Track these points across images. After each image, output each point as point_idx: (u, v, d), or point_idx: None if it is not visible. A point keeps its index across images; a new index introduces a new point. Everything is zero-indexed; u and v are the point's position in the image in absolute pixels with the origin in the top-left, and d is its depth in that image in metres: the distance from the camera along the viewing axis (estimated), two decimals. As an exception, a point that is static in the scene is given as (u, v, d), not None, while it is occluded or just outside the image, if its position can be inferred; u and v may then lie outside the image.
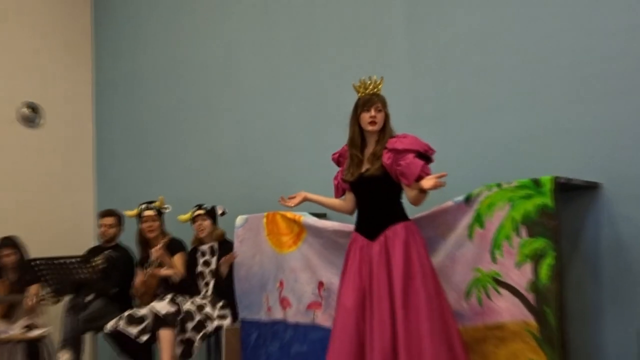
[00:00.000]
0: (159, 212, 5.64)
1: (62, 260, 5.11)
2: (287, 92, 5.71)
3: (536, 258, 3.81)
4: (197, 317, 5.10)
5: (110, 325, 5.23)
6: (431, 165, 3.94)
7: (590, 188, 4.04)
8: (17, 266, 5.92)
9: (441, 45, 4.87)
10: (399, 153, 3.89)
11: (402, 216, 3.98)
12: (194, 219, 5.44)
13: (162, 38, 6.81)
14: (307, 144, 5.52)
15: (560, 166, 4.03)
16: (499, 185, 4.01)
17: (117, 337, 5.25)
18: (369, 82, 4.04)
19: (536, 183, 3.87)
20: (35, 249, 5.87)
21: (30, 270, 5.48)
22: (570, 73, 4.24)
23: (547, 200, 3.82)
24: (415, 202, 3.93)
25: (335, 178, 4.26)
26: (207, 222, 5.41)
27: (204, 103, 6.40)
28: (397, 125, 4.05)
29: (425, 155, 3.93)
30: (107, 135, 7.27)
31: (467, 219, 4.09)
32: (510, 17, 4.53)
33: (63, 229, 6.60)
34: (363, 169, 4.00)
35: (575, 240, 4.09)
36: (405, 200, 4.01)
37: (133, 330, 5.14)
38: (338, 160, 4.28)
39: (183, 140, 6.53)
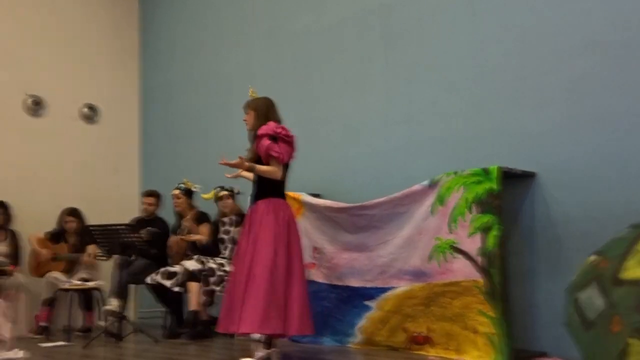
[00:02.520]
0: (188, 192, 5.59)
1: (113, 227, 5.06)
2: (288, 98, 5.64)
3: (484, 230, 3.81)
4: (218, 273, 5.07)
5: (150, 279, 5.20)
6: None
7: (527, 176, 4.03)
8: (78, 231, 5.88)
9: (411, 61, 4.82)
10: (258, 139, 3.85)
11: (269, 194, 3.93)
12: (220, 198, 5.39)
13: (193, 53, 6.75)
14: (303, 138, 5.44)
15: (504, 158, 3.99)
16: (455, 173, 4.00)
17: (156, 288, 5.22)
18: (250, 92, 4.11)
19: (485, 171, 3.87)
20: (92, 219, 5.82)
21: (88, 234, 5.44)
22: (511, 85, 4.22)
23: (493, 184, 3.81)
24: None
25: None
26: (229, 200, 5.36)
27: (225, 105, 6.34)
28: (373, 126, 3.98)
29: (274, 137, 3.81)
30: (150, 130, 7.21)
31: (430, 198, 4.08)
32: (459, 41, 4.49)
33: (114, 203, 6.55)
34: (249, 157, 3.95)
35: (516, 217, 4.07)
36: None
37: (168, 283, 5.11)
38: None
39: (208, 134, 6.48)
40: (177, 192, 5.56)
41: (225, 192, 5.38)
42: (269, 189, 3.89)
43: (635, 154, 3.63)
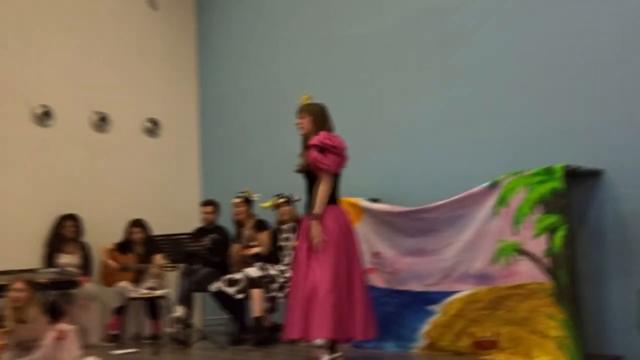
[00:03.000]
0: (247, 200, 5.66)
1: (176, 236, 5.18)
2: (345, 104, 5.65)
3: (550, 230, 3.72)
4: (279, 280, 5.11)
5: (214, 287, 5.29)
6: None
7: (594, 174, 3.90)
8: (144, 241, 6.04)
9: (469, 63, 4.74)
10: (309, 149, 3.96)
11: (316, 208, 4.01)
12: (278, 205, 5.44)
13: (249, 64, 6.84)
14: (361, 143, 5.43)
15: (569, 156, 3.87)
16: (517, 173, 3.91)
17: (219, 295, 5.31)
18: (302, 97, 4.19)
19: (549, 171, 3.77)
20: (156, 229, 5.98)
21: (153, 244, 5.58)
22: (576, 81, 4.10)
23: (558, 184, 3.72)
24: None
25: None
26: (287, 208, 5.39)
27: (281, 115, 6.38)
28: (434, 126, 3.93)
29: (321, 148, 3.90)
30: (209, 141, 7.35)
31: (492, 200, 4.01)
32: (523, 39, 4.39)
33: (176, 213, 6.69)
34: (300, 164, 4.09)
35: (583, 217, 3.94)
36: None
37: (231, 290, 5.19)
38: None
39: (265, 143, 6.55)
40: (237, 200, 5.64)
41: (283, 200, 5.42)
42: None
43: None
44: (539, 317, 3.71)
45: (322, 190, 3.88)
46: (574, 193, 3.82)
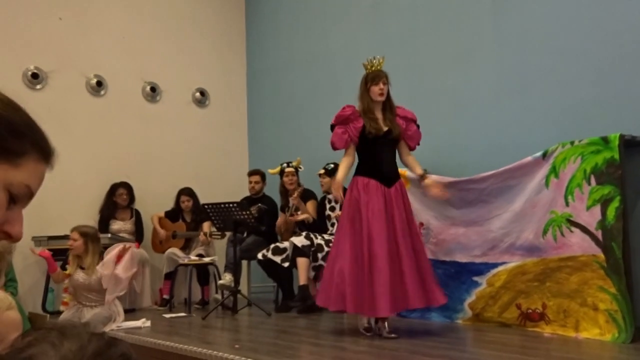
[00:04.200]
0: (296, 170, 5.70)
1: (225, 205, 5.27)
2: (396, 73, 5.57)
3: (604, 202, 3.61)
4: (326, 249, 5.14)
5: (261, 254, 5.37)
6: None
7: (652, 144, 3.75)
8: (193, 209, 6.17)
9: (523, 30, 4.61)
10: (408, 121, 4.01)
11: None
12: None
13: (298, 34, 6.83)
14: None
15: (626, 126, 3.74)
16: (572, 142, 3.81)
17: (266, 263, 5.39)
18: (375, 60, 3.98)
19: (605, 140, 3.65)
20: (205, 198, 6.09)
21: (203, 212, 5.70)
22: (630, 49, 3.93)
23: (614, 154, 3.60)
24: (409, 167, 4.17)
25: (345, 132, 4.02)
26: (327, 180, 5.41)
27: (329, 86, 6.38)
28: (487, 95, 3.86)
29: (418, 126, 4.07)
30: (256, 112, 7.41)
31: (544, 170, 3.92)
32: (580, 3, 4.23)
33: (225, 183, 6.81)
34: (386, 129, 3.93)
35: (639, 188, 3.80)
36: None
37: (278, 259, 5.26)
38: (348, 118, 4.03)
39: (314, 115, 6.54)
40: (291, 169, 5.64)
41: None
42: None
43: None
44: (589, 289, 3.63)
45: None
46: (629, 164, 3.69)
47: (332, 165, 5.40)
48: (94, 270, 4.39)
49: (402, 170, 4.69)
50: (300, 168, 5.71)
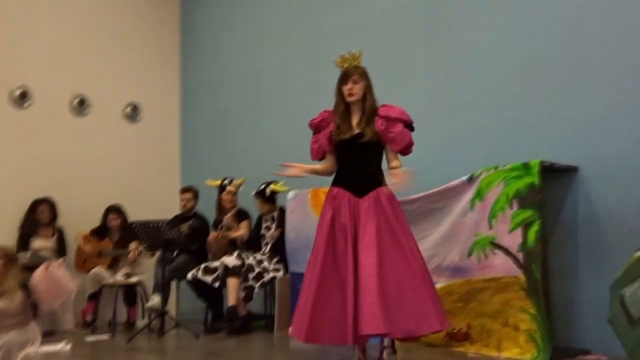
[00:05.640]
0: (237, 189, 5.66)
1: (154, 223, 5.17)
2: (325, 96, 5.66)
3: (525, 225, 3.77)
4: (257, 269, 5.13)
5: (191, 275, 5.28)
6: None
7: (570, 170, 3.96)
8: (121, 227, 6.01)
9: (453, 57, 4.78)
10: (390, 121, 3.41)
11: (384, 181, 3.44)
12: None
13: (233, 52, 6.83)
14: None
15: (546, 152, 3.94)
16: (496, 167, 3.97)
17: (196, 283, 5.31)
18: (348, 56, 3.57)
19: (526, 166, 3.82)
20: (135, 215, 5.95)
21: (131, 231, 5.56)
22: (555, 77, 4.15)
23: (534, 179, 3.78)
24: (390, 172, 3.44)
25: (316, 142, 3.62)
26: (257, 201, 5.42)
27: (264, 104, 6.41)
28: (416, 119, 3.87)
29: (411, 126, 3.47)
30: (190, 127, 7.33)
31: (469, 194, 4.06)
32: (504, 34, 4.44)
33: (155, 200, 6.67)
34: (354, 133, 3.43)
35: (557, 212, 4.01)
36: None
37: (208, 279, 5.19)
38: (318, 125, 3.63)
39: (249, 132, 6.56)
40: (232, 189, 5.57)
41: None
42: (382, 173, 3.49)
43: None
44: (511, 310, 3.78)
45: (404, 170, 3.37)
46: (549, 189, 3.88)
47: (262, 186, 5.41)
48: (15, 294, 4.12)
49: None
50: (240, 188, 5.66)
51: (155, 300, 5.31)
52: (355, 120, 3.49)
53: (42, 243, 5.82)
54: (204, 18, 7.27)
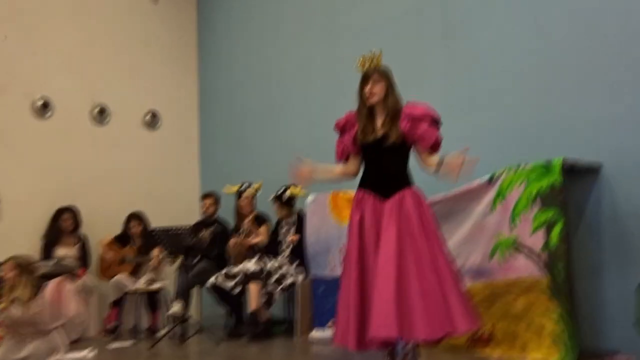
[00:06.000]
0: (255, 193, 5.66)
1: (175, 230, 5.19)
2: (343, 97, 5.62)
3: (548, 225, 3.71)
4: (277, 274, 5.12)
5: (211, 281, 5.29)
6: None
7: (593, 168, 3.88)
8: (142, 234, 6.04)
9: (471, 55, 4.73)
10: (415, 120, 3.32)
11: (411, 181, 3.40)
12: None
13: (250, 55, 6.86)
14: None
15: (568, 150, 3.86)
16: (517, 167, 3.91)
17: (217, 290, 5.31)
18: (367, 57, 3.49)
19: (547, 165, 3.76)
20: (156, 221, 5.99)
21: (152, 238, 5.60)
22: (576, 73, 4.08)
23: (556, 178, 3.71)
24: (430, 170, 3.38)
25: (341, 143, 3.57)
26: (275, 206, 5.41)
27: (283, 105, 6.42)
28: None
29: (438, 123, 3.39)
30: (209, 133, 7.38)
31: (490, 194, 4.01)
32: (522, 32, 4.38)
33: (176, 206, 6.72)
34: (379, 135, 3.36)
35: (581, 211, 3.93)
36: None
37: (229, 285, 5.19)
38: (343, 127, 3.57)
39: (268, 136, 6.56)
40: (250, 193, 5.57)
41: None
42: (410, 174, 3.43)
43: None
44: (535, 312, 3.71)
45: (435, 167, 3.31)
46: (571, 188, 3.81)
47: (281, 190, 5.40)
48: (29, 303, 4.19)
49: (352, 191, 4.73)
50: (258, 192, 5.66)
51: (176, 307, 5.31)
52: (379, 121, 3.42)
53: (65, 251, 5.89)
54: (220, 22, 7.31)
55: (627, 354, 3.58)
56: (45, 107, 6.31)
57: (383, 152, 3.38)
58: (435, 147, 3.37)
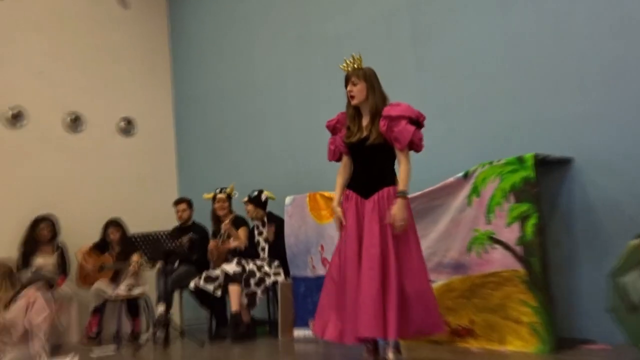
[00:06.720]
0: (229, 197, 5.64)
1: (154, 235, 5.15)
2: (317, 104, 5.68)
3: (522, 219, 3.76)
4: (258, 275, 5.11)
5: (193, 284, 5.27)
6: (431, 131, 3.62)
7: (564, 162, 3.96)
8: (121, 241, 5.99)
9: (443, 58, 4.79)
10: (392, 120, 3.36)
11: (394, 180, 3.45)
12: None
13: (225, 64, 6.84)
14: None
15: (540, 146, 3.94)
16: (490, 163, 3.96)
17: (198, 292, 5.29)
18: (350, 60, 3.55)
19: (520, 160, 3.82)
20: (134, 228, 5.93)
21: (131, 244, 5.54)
22: (545, 73, 4.16)
23: (529, 173, 3.77)
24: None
25: (332, 143, 3.66)
26: (250, 207, 5.39)
27: (258, 114, 6.42)
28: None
29: (416, 122, 3.42)
30: (185, 140, 7.34)
31: (465, 190, 4.05)
32: (491, 34, 4.45)
33: (154, 212, 6.65)
34: (363, 135, 3.44)
35: (554, 204, 4.00)
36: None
37: (210, 287, 5.17)
38: (334, 127, 3.65)
39: (243, 143, 6.56)
40: (222, 196, 5.57)
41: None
42: (393, 174, 3.49)
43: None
44: (512, 304, 3.76)
45: (408, 167, 3.39)
46: (544, 182, 3.88)
47: (255, 193, 5.40)
48: (10, 308, 4.11)
49: (332, 193, 4.74)
50: (233, 195, 5.66)
51: (159, 310, 5.28)
52: (365, 122, 3.49)
53: (43, 260, 5.79)
54: (192, 30, 7.27)
55: (603, 343, 3.66)
56: (17, 118, 6.21)
57: (365, 152, 3.46)
58: (413, 145, 3.46)
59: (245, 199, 5.43)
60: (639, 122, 3.68)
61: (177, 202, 6.07)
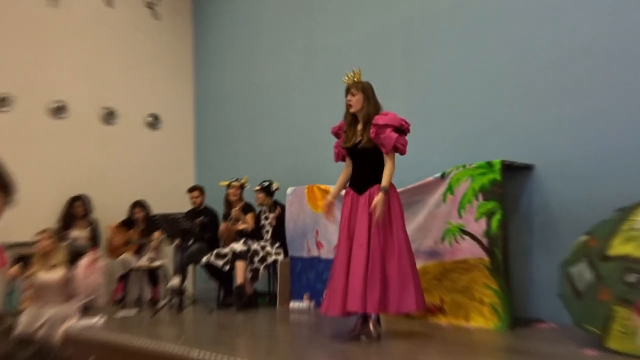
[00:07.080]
0: (242, 186, 5.66)
1: (173, 216, 5.18)
2: (318, 107, 5.71)
3: (489, 215, 3.80)
4: (261, 254, 5.15)
5: (204, 259, 5.30)
6: (413, 137, 3.63)
7: (527, 168, 4.01)
8: (145, 219, 6.02)
9: (427, 74, 4.82)
10: (379, 127, 3.42)
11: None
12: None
13: (239, 69, 6.84)
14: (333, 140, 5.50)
15: (506, 153, 3.98)
16: (464, 166, 4.00)
17: (209, 267, 5.31)
18: (351, 74, 3.59)
19: (489, 164, 3.85)
20: (156, 209, 5.97)
21: (153, 222, 5.58)
22: (513, 89, 4.19)
23: (496, 175, 3.81)
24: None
25: (336, 146, 3.71)
26: (261, 195, 5.42)
27: (266, 113, 6.43)
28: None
29: (400, 129, 3.47)
30: (203, 134, 7.35)
31: (442, 188, 4.09)
32: (469, 55, 4.48)
33: (174, 195, 6.66)
34: (357, 140, 3.50)
35: (516, 203, 4.05)
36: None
37: (219, 262, 5.20)
38: (337, 133, 3.70)
39: (252, 138, 6.57)
40: (236, 184, 5.60)
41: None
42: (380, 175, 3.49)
43: (621, 149, 3.58)
44: (477, 286, 3.81)
45: (391, 168, 3.43)
46: (509, 184, 3.92)
47: (266, 183, 5.42)
48: (60, 269, 4.09)
49: (328, 186, 4.79)
50: (246, 186, 5.67)
51: (175, 281, 5.29)
52: (359, 128, 3.53)
53: (78, 233, 5.83)
54: (212, 40, 7.27)
55: (551, 322, 3.72)
56: (61, 110, 6.23)
57: (359, 155, 3.53)
58: (397, 150, 3.50)
59: (258, 187, 5.44)
60: (591, 136, 3.73)
61: (191, 190, 6.08)
